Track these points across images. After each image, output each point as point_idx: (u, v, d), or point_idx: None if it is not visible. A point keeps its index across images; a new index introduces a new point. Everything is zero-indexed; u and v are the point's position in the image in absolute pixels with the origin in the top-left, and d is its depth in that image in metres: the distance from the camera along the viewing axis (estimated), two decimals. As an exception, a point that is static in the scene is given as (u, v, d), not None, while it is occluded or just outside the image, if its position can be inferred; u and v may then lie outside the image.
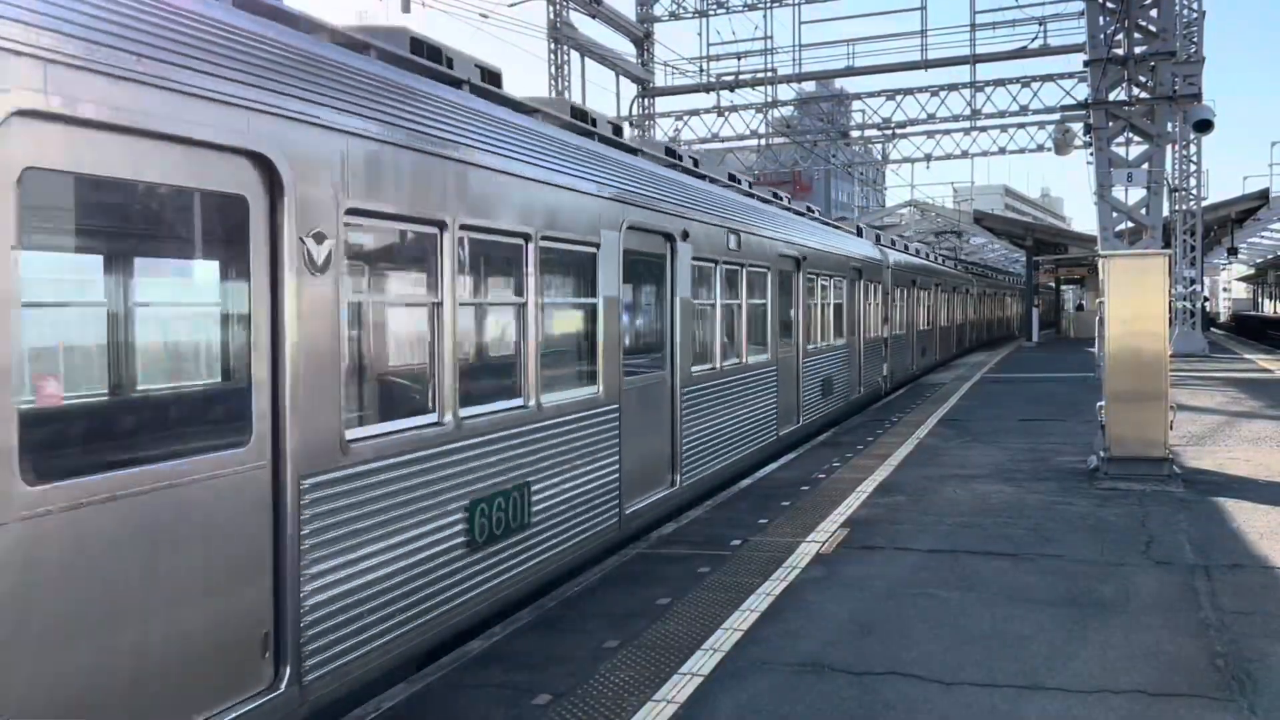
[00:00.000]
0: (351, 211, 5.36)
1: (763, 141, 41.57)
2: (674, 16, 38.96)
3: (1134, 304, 11.46)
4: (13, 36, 3.63)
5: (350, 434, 5.39)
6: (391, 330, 6.44)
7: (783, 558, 8.34)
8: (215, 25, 4.64)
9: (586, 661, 6.10)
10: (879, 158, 50.50)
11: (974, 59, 36.11)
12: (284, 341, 4.88)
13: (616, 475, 8.63)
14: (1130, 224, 23.35)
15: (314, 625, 5.11)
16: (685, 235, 10.19)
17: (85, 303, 4.70)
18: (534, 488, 7.25)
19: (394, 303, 6.42)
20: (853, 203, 77.45)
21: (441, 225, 6.17)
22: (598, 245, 8.26)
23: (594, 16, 34.52)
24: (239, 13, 5.02)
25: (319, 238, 5.09)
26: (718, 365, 11.47)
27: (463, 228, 6.37)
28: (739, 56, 37.69)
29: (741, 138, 40.67)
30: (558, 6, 33.21)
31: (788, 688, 5.68)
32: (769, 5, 37.08)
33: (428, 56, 6.96)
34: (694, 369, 10.64)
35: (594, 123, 9.40)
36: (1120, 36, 21.92)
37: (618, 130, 10.09)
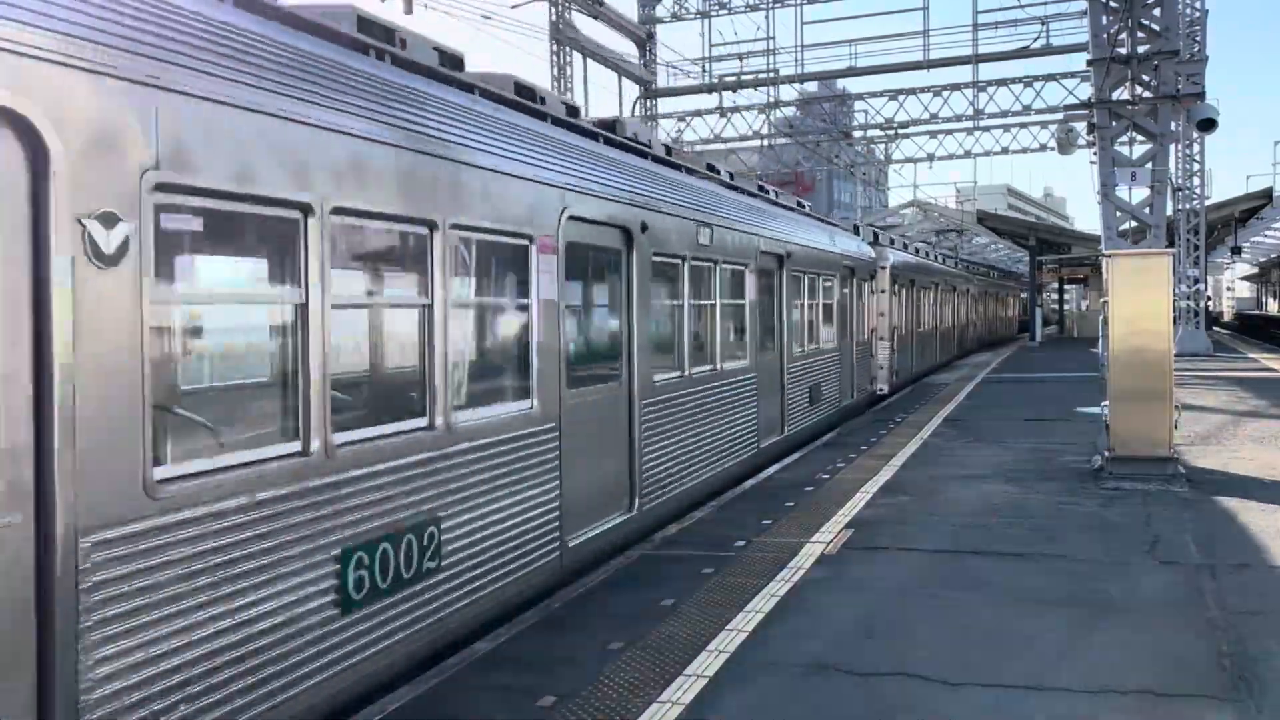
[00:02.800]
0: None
1: (765, 142, 41.57)
2: (676, 17, 39.01)
3: (1137, 303, 11.43)
4: None
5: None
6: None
7: (787, 559, 8.33)
8: None
9: (591, 663, 6.09)
10: (881, 158, 50.49)
11: (976, 59, 36.14)
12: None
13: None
14: (1134, 223, 23.33)
15: None
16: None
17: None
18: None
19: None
20: (855, 203, 77.35)
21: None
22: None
23: (596, 18, 34.53)
24: None
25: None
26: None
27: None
28: (741, 57, 37.76)
29: (744, 138, 40.71)
30: (560, 8, 33.22)
31: (793, 689, 5.67)
32: (771, 6, 37.11)
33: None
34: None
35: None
36: (1123, 35, 21.90)
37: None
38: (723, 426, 11.48)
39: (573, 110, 9.07)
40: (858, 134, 43.05)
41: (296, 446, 4.98)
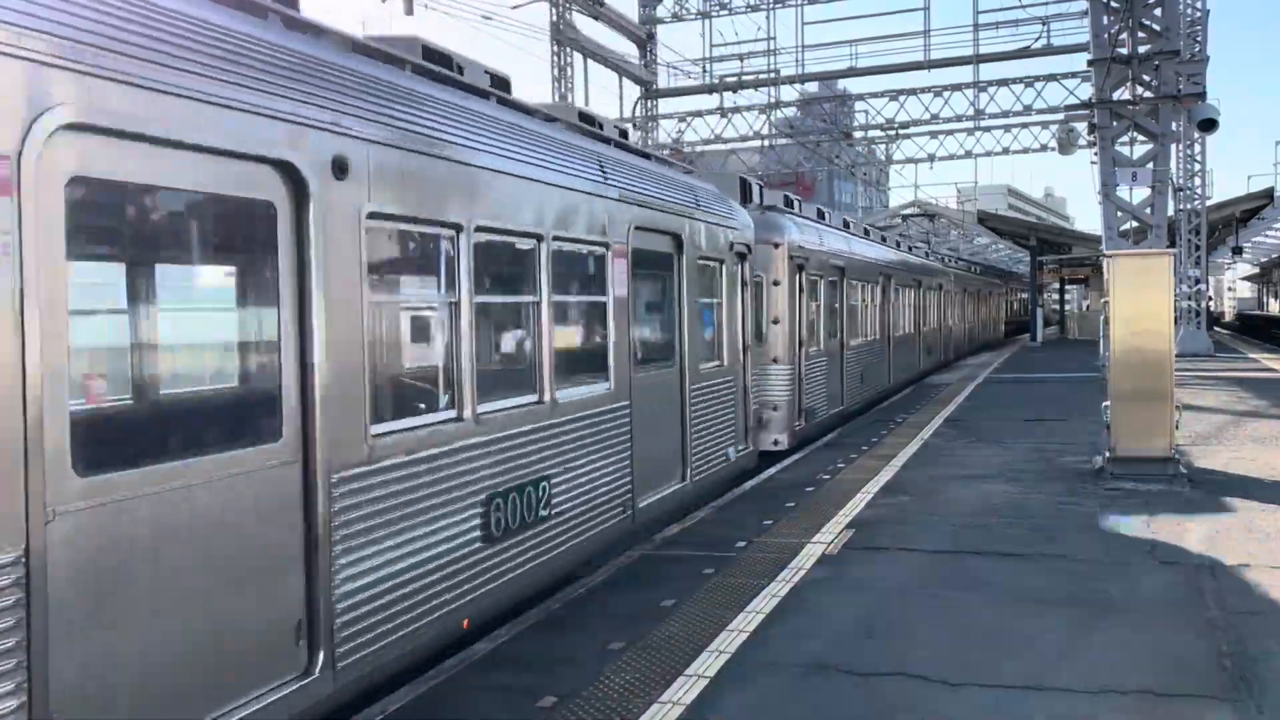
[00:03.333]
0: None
1: (766, 142, 41.58)
2: (676, 18, 39.06)
3: (1138, 304, 11.44)
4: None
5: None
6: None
7: (788, 559, 8.33)
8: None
9: (592, 663, 6.10)
10: (882, 158, 50.51)
11: (977, 59, 36.19)
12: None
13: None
14: (1134, 223, 23.34)
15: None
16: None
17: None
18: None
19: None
20: (856, 203, 77.39)
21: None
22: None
23: (596, 18, 34.57)
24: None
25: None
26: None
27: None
28: (742, 58, 37.81)
29: (745, 139, 40.70)
30: (560, 9, 33.24)
31: (794, 689, 5.67)
32: (771, 6, 37.15)
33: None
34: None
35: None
36: (1124, 36, 21.91)
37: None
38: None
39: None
40: (858, 134, 43.06)
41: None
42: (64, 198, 3.80)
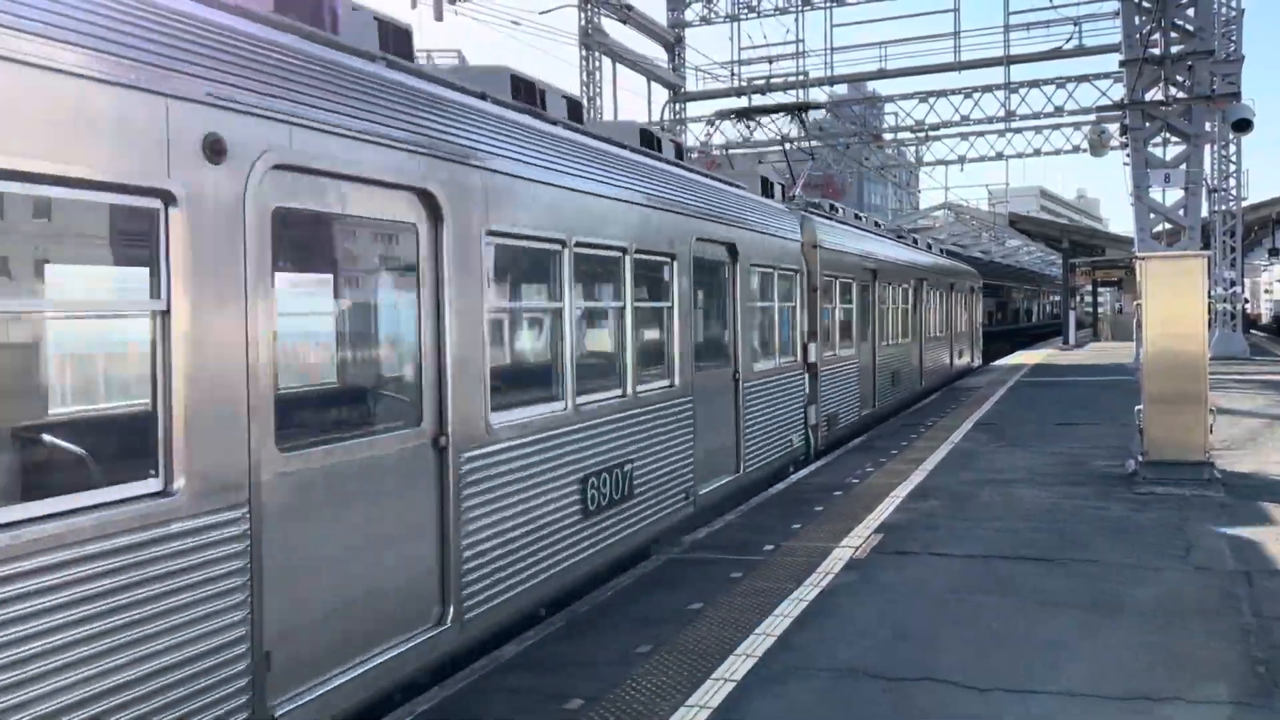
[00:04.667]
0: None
1: (793, 145, 41.44)
2: (705, 21, 39.03)
3: (1172, 306, 11.32)
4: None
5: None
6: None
7: (816, 563, 8.31)
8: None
9: (618, 666, 6.11)
10: (912, 160, 50.23)
11: (1008, 60, 35.93)
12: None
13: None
14: (1168, 225, 23.09)
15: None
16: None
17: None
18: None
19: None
20: (886, 205, 77.04)
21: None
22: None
23: (625, 22, 34.63)
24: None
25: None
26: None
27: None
28: (770, 60, 37.72)
29: (772, 142, 40.56)
30: (589, 13, 33.31)
31: (821, 694, 5.66)
32: (800, 9, 37.04)
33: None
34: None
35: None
36: (1156, 36, 21.70)
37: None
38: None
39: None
40: (888, 136, 42.86)
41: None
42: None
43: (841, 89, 43.92)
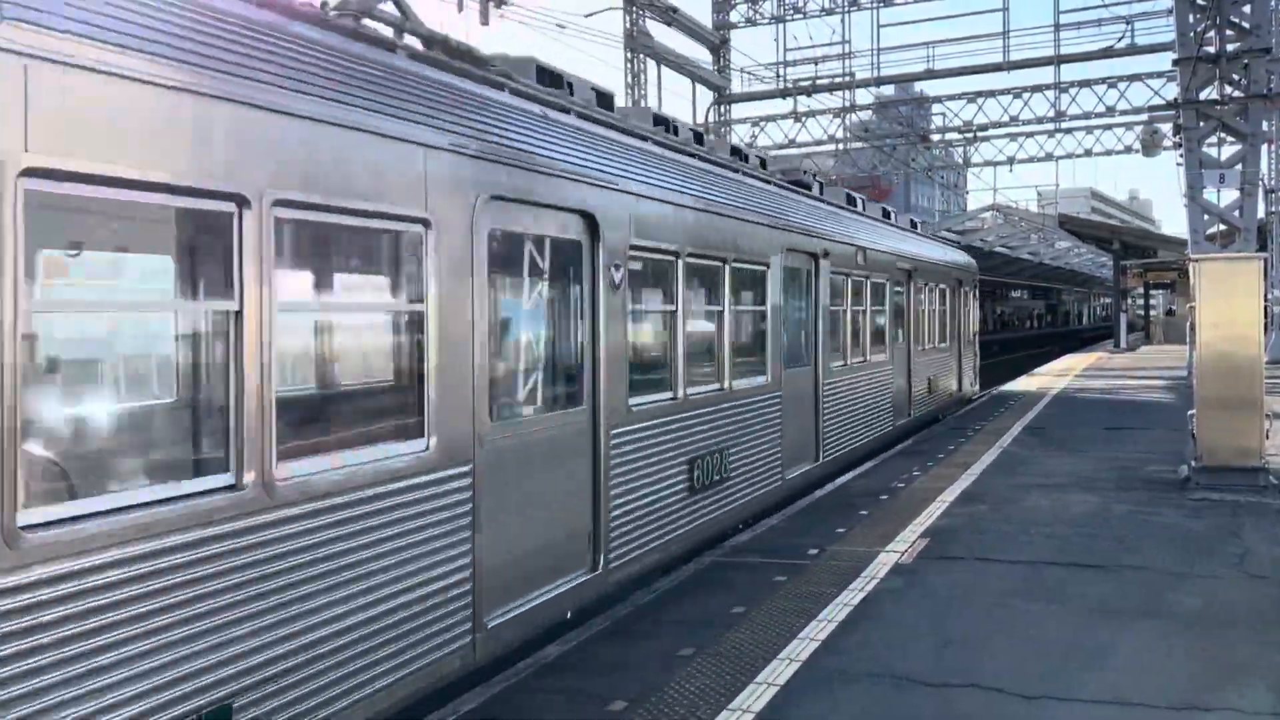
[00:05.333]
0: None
1: (840, 146, 41.20)
2: (750, 22, 38.83)
3: (1227, 309, 11.12)
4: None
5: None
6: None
7: (861, 567, 8.25)
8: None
9: (661, 669, 6.11)
10: (960, 161, 49.74)
11: (1058, 59, 35.38)
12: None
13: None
14: (1222, 226, 22.67)
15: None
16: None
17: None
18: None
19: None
20: (934, 206, 76.39)
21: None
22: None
23: (670, 24, 34.57)
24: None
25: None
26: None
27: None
28: (816, 61, 37.44)
29: (819, 143, 40.36)
30: (634, 16, 33.34)
31: (866, 699, 5.62)
32: (846, 9, 36.76)
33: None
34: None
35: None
36: (1211, 34, 21.31)
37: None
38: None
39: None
40: (935, 137, 42.45)
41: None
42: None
43: (888, 89, 43.58)
